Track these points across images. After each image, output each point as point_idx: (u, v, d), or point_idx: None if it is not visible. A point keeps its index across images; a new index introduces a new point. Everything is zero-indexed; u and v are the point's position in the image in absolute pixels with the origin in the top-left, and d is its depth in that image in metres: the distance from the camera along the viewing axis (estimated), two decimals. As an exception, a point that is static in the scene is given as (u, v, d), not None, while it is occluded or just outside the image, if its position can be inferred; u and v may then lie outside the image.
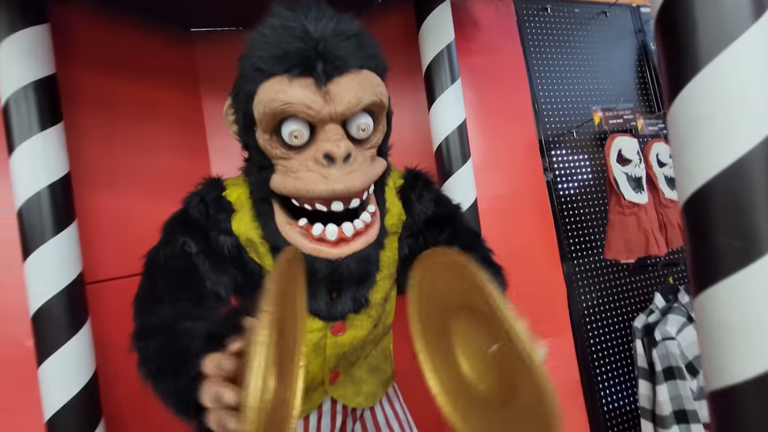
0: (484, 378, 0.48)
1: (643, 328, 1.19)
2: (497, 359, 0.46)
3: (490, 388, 0.48)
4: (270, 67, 0.53)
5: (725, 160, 0.41)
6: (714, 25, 0.42)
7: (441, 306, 0.53)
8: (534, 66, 1.38)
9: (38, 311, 0.80)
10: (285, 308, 0.44)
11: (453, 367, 0.51)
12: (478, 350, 0.49)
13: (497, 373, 0.47)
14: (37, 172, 0.81)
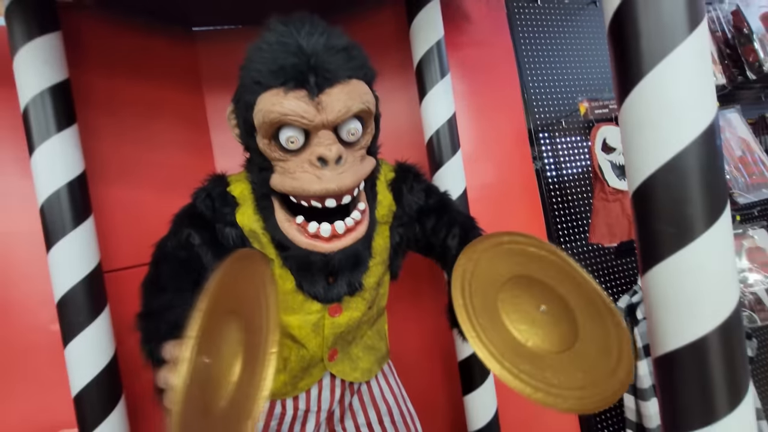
0: (530, 336, 0.58)
1: (626, 308, 1.26)
2: (546, 318, 0.57)
3: (540, 343, 0.57)
4: (267, 80, 0.59)
5: (664, 157, 0.47)
6: (655, 36, 0.47)
7: (487, 283, 0.62)
8: (524, 58, 1.42)
9: (62, 298, 0.88)
10: (241, 304, 0.51)
11: (498, 333, 0.59)
12: (525, 314, 0.59)
13: (549, 329, 0.57)
14: (56, 171, 0.87)
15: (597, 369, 0.52)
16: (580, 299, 0.53)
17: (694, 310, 0.48)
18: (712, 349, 0.47)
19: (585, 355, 0.54)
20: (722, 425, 0.47)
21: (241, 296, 0.52)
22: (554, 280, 0.54)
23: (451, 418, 1.21)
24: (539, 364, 0.57)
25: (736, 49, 1.53)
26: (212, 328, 0.47)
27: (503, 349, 0.59)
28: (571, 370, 0.54)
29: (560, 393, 0.53)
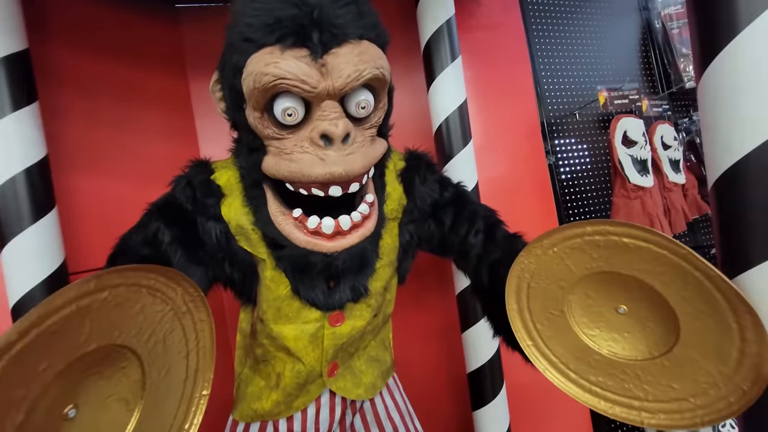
0: (606, 342, 0.52)
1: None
2: (627, 320, 0.50)
3: (619, 350, 0.51)
4: (260, 36, 0.48)
5: (757, 140, 0.38)
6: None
7: (552, 283, 0.54)
8: (536, 43, 1.33)
9: (18, 303, 0.75)
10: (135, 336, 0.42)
11: (562, 340, 0.54)
12: (599, 317, 0.52)
13: (631, 333, 0.50)
14: (12, 155, 0.75)
15: (704, 378, 0.43)
16: (691, 295, 0.43)
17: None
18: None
19: (686, 361, 0.45)
20: None
21: (136, 325, 0.41)
22: (652, 275, 0.45)
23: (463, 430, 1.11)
24: (617, 374, 0.49)
25: None
26: (71, 368, 0.37)
27: (568, 359, 0.52)
28: (663, 380, 0.46)
29: (645, 407, 0.46)
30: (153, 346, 0.42)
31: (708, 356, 0.43)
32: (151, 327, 0.43)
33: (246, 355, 0.78)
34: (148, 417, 0.41)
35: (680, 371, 0.45)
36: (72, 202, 0.86)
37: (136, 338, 0.41)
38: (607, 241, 0.47)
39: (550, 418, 1.17)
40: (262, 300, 0.67)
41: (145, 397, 0.41)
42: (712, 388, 0.43)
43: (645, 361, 0.48)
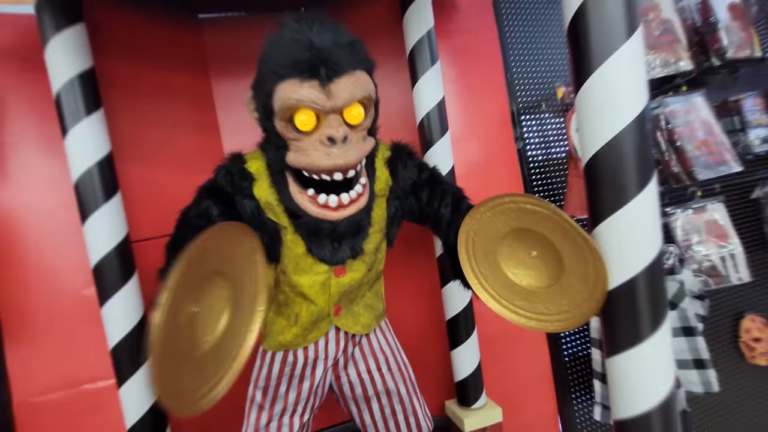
0: (524, 278, 0.74)
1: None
2: (537, 261, 0.73)
3: (532, 282, 0.73)
4: (285, 72, 0.70)
5: (606, 138, 0.60)
6: (601, 39, 0.59)
7: (488, 238, 0.77)
8: (507, 44, 1.53)
9: (97, 265, 0.99)
10: (229, 267, 0.66)
11: (497, 278, 0.76)
12: (520, 261, 0.75)
13: (539, 270, 0.73)
14: (87, 152, 0.97)
15: (578, 294, 0.67)
16: (565, 241, 0.67)
17: (627, 256, 0.61)
18: (639, 286, 0.60)
19: (569, 285, 0.68)
20: (647, 344, 0.61)
21: (228, 260, 0.66)
22: (545, 229, 0.69)
23: (440, 369, 1.36)
24: (532, 299, 0.73)
25: (704, 36, 1.65)
26: (197, 284, 0.61)
27: (501, 291, 0.75)
28: (557, 299, 0.70)
29: (548, 319, 0.70)
30: (236, 273, 0.66)
31: (579, 280, 0.67)
32: (234, 261, 0.66)
33: (270, 302, 1.01)
34: (232, 321, 0.65)
35: (566, 292, 0.69)
36: (130, 186, 1.08)
37: (229, 267, 0.65)
38: (518, 207, 0.70)
39: (512, 356, 1.43)
40: (284, 257, 0.90)
41: (232, 307, 0.65)
42: (584, 301, 0.67)
43: (547, 288, 0.72)
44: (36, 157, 1.07)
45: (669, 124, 1.57)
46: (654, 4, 1.64)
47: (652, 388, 0.62)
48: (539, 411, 1.45)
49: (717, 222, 1.62)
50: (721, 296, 1.77)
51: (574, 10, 0.60)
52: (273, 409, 0.95)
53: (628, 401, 0.64)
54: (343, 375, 1.03)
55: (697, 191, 1.66)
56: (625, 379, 0.64)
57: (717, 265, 1.57)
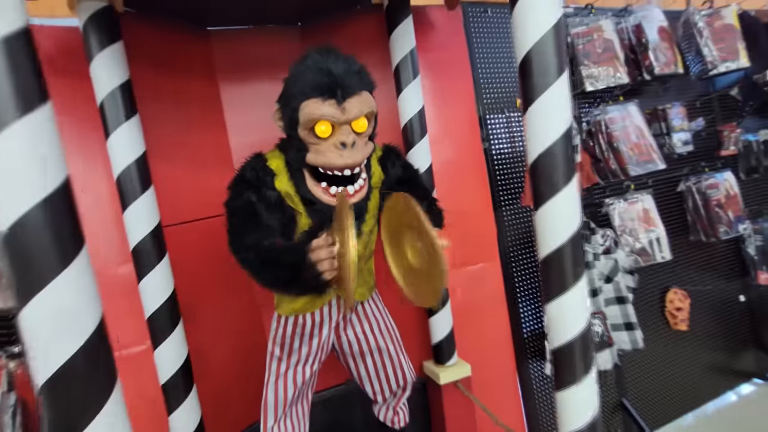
0: (415, 261, 0.97)
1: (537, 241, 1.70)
2: (421, 249, 0.95)
3: (418, 265, 0.96)
4: (310, 92, 0.92)
5: (544, 146, 0.85)
6: (540, 77, 0.84)
7: (397, 226, 1.00)
8: (476, 58, 1.78)
9: (135, 246, 1.17)
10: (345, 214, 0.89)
11: (402, 258, 1.01)
12: (414, 247, 0.97)
13: (421, 257, 0.95)
14: (126, 152, 1.15)
15: (432, 283, 0.93)
16: (429, 243, 0.91)
17: (557, 230, 0.87)
18: (566, 251, 0.86)
19: (431, 266, 0.93)
20: (570, 292, 0.87)
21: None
22: (424, 232, 0.92)
23: (420, 333, 1.62)
24: (412, 275, 0.99)
25: (637, 54, 1.97)
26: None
27: (399, 266, 1.04)
28: (424, 282, 0.95)
29: (415, 292, 0.98)
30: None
31: (434, 273, 0.92)
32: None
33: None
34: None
35: (428, 278, 0.94)
36: (161, 180, 1.26)
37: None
38: (414, 212, 0.93)
39: (479, 324, 1.70)
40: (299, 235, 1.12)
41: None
42: (431, 289, 0.93)
43: (420, 270, 0.97)
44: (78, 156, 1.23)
45: (608, 128, 1.88)
46: (598, 26, 1.95)
47: (574, 323, 0.88)
48: (501, 368, 1.73)
49: (647, 211, 1.95)
50: (650, 273, 2.11)
51: (523, 56, 0.85)
52: (290, 360, 1.17)
53: (559, 334, 0.90)
54: (342, 335, 1.26)
55: (631, 185, 1.99)
56: (556, 318, 0.90)
57: (645, 247, 1.90)
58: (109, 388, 0.62)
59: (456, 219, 1.64)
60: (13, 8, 0.54)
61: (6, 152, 0.53)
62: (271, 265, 0.94)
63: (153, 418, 1.24)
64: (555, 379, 0.94)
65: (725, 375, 2.37)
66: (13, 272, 0.56)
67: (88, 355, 0.59)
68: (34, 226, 0.55)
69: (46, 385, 0.57)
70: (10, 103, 0.53)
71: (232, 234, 1.01)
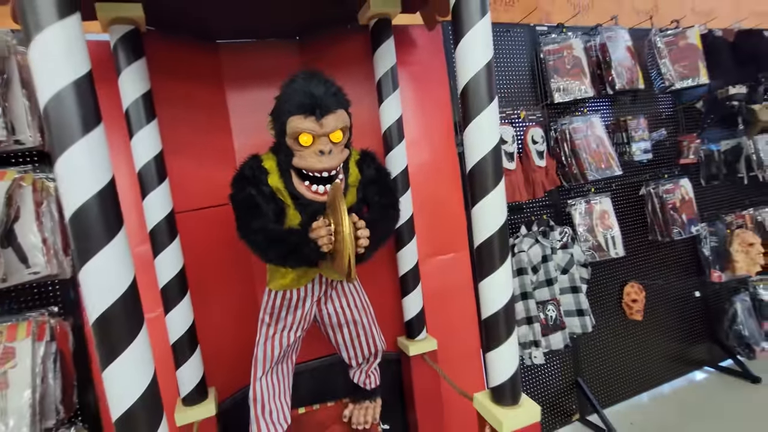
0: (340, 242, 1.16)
1: (511, 247, 1.93)
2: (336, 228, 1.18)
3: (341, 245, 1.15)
4: (295, 111, 1.16)
5: (479, 156, 1.08)
6: (474, 103, 1.07)
7: (332, 208, 1.20)
8: (453, 71, 2.00)
9: (152, 229, 1.41)
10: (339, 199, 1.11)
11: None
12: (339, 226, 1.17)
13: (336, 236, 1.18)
14: (147, 150, 1.39)
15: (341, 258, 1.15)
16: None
17: (488, 223, 1.10)
18: (495, 240, 1.09)
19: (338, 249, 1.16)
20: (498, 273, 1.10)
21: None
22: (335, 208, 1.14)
23: (394, 311, 1.85)
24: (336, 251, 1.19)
25: (602, 71, 2.18)
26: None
27: None
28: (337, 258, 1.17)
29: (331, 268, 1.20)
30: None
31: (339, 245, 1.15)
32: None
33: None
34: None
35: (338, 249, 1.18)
36: (174, 174, 1.50)
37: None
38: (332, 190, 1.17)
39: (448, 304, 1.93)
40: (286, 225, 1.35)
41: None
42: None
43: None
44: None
45: (572, 137, 2.09)
46: (569, 44, 2.16)
47: (500, 297, 1.11)
48: (466, 345, 1.97)
49: (605, 212, 2.17)
50: (611, 267, 2.34)
51: (462, 86, 1.08)
52: (277, 326, 1.42)
53: (489, 306, 1.13)
54: (323, 308, 1.50)
55: (591, 188, 2.21)
56: (487, 294, 1.13)
57: (602, 244, 2.13)
58: (137, 328, 0.86)
59: (431, 213, 1.88)
60: (81, 55, 0.77)
61: (73, 160, 0.77)
62: (277, 243, 1.19)
63: (164, 371, 1.49)
64: (485, 342, 1.17)
65: (679, 362, 2.60)
66: (75, 243, 0.80)
67: (124, 303, 0.83)
68: (90, 211, 0.79)
69: (96, 322, 0.82)
70: (76, 126, 0.77)
71: (241, 221, 1.25)
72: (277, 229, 1.23)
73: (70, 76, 0.75)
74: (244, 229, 1.24)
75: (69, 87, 0.75)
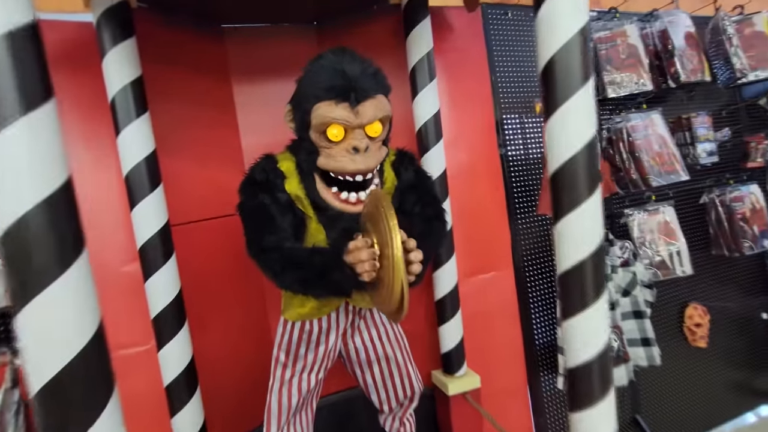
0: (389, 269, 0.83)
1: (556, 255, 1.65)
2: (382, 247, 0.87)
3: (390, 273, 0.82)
4: (323, 94, 0.89)
5: (566, 156, 0.81)
6: (564, 84, 0.80)
7: (373, 225, 0.89)
8: (495, 61, 1.74)
9: (143, 245, 1.16)
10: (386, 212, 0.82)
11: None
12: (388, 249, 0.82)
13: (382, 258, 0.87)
14: (136, 149, 1.13)
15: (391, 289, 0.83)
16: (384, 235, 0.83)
17: (579, 244, 0.83)
18: (587, 266, 0.82)
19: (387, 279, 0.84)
20: (590, 309, 0.83)
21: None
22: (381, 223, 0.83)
23: (429, 341, 1.58)
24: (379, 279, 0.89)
25: (663, 61, 1.90)
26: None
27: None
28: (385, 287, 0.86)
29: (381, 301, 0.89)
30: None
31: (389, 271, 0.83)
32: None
33: None
34: None
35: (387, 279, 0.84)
36: (171, 178, 1.24)
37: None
38: (373, 199, 0.87)
39: (490, 333, 1.66)
40: (307, 242, 1.09)
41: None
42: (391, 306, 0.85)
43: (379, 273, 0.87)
44: (87, 152, 1.22)
45: (630, 136, 1.81)
46: (622, 31, 1.89)
47: (594, 341, 0.84)
48: (511, 380, 1.68)
49: (667, 223, 1.88)
50: (670, 287, 2.04)
51: (545, 62, 0.81)
52: (295, 367, 1.14)
53: (577, 353, 0.86)
54: (350, 342, 1.23)
55: (652, 195, 1.92)
56: (574, 336, 0.85)
57: (666, 260, 1.84)
58: (105, 397, 0.59)
59: (469, 225, 1.61)
60: (18, 2, 0.52)
61: (7, 151, 0.51)
62: (296, 266, 0.91)
63: (155, 420, 1.23)
64: (570, 399, 0.89)
65: (745, 395, 2.29)
66: (11, 274, 0.54)
67: (85, 363, 0.57)
68: (33, 228, 0.53)
69: (40, 392, 0.55)
70: (12, 101, 0.51)
71: (251, 236, 0.98)
72: (297, 249, 0.96)
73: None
74: (254, 246, 0.97)
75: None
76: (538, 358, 1.79)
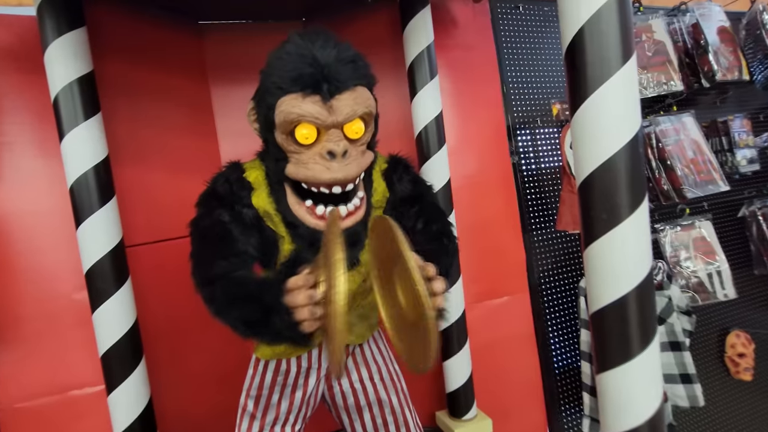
0: (412, 308, 0.66)
1: (584, 287, 1.43)
2: (407, 289, 0.66)
3: (415, 315, 0.65)
4: (288, 86, 0.71)
5: (600, 159, 0.62)
6: (598, 64, 0.61)
7: (386, 257, 0.71)
8: (505, 60, 1.55)
9: (90, 269, 0.98)
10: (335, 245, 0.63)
11: (394, 300, 0.70)
12: (410, 288, 0.64)
13: (407, 300, 0.66)
14: (84, 156, 0.97)
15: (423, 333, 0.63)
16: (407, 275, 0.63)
17: (619, 275, 0.63)
18: (630, 304, 0.62)
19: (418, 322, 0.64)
20: (637, 361, 0.62)
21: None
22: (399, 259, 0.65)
23: (432, 379, 1.37)
24: (406, 323, 0.69)
25: (694, 58, 1.70)
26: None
27: (392, 312, 0.73)
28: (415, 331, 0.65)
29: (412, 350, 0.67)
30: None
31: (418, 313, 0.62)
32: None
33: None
34: None
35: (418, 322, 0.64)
36: (126, 191, 1.08)
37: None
38: (381, 229, 0.68)
39: (503, 367, 1.44)
40: (279, 266, 0.90)
41: None
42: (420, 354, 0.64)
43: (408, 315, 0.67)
44: (31, 160, 1.06)
45: (660, 142, 1.61)
46: (647, 26, 1.69)
47: (641, 403, 0.63)
48: (529, 422, 1.46)
49: (704, 239, 1.65)
50: (708, 312, 1.80)
51: (572, 36, 0.62)
52: (265, 419, 0.94)
53: (618, 417, 0.65)
54: (335, 384, 1.03)
55: (686, 209, 1.70)
56: (614, 394, 0.65)
57: (704, 282, 1.60)
58: None
59: (478, 243, 1.41)
60: None
61: None
62: (242, 301, 0.71)
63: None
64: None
65: (796, 435, 2.01)
66: None
67: None
68: None
69: None
70: None
71: (197, 261, 0.79)
72: (246, 279, 0.75)
73: None
74: (200, 273, 0.77)
75: None
76: (560, 397, 1.56)
